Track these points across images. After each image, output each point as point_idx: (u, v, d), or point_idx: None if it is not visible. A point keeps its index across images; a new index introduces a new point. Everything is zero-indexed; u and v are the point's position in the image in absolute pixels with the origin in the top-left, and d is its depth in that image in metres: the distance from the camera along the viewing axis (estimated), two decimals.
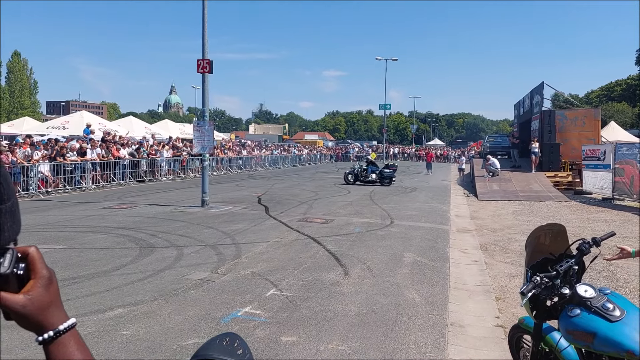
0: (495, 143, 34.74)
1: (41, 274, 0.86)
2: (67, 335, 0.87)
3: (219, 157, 29.41)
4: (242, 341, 1.21)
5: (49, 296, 0.86)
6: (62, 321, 0.87)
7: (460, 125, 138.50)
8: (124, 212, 12.64)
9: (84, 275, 6.64)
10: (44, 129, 27.45)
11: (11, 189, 0.77)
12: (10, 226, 0.75)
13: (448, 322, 5.26)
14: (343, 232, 10.24)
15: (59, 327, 0.86)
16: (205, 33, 13.85)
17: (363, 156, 53.53)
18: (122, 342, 4.52)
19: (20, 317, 0.83)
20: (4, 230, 0.74)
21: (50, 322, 0.85)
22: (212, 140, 14.93)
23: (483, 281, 7.05)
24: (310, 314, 5.37)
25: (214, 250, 8.41)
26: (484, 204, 16.57)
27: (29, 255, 0.85)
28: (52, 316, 0.85)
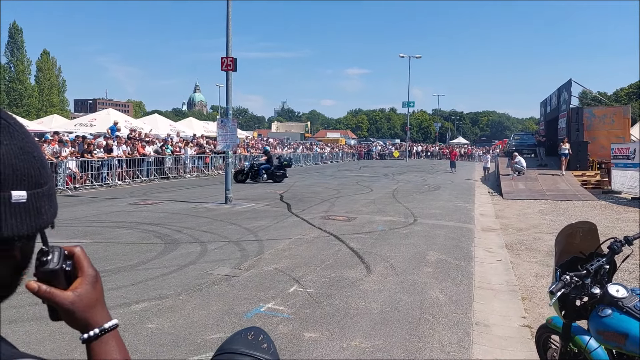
0: (521, 141, 34.21)
1: (88, 272, 0.88)
2: (110, 334, 0.89)
3: (241, 155, 29.60)
4: (267, 336, 1.20)
5: (96, 294, 0.88)
6: (106, 320, 0.89)
7: (484, 123, 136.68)
8: (149, 208, 12.82)
9: (111, 270, 6.75)
10: (72, 127, 28.06)
11: (48, 173, 0.77)
12: (47, 209, 0.76)
13: (473, 322, 5.19)
14: (365, 230, 10.20)
15: (104, 326, 0.88)
16: (229, 31, 13.93)
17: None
18: (148, 336, 4.57)
19: (68, 314, 0.85)
20: (42, 213, 0.75)
21: (96, 320, 0.87)
22: (236, 138, 15.03)
23: (509, 280, 6.94)
24: (332, 311, 5.36)
25: (237, 246, 8.47)
26: (509, 202, 16.33)
27: (75, 254, 0.87)
28: (97, 314, 0.88)
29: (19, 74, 61.85)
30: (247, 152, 31.49)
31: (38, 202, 0.74)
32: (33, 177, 0.73)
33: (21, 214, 0.71)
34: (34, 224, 0.74)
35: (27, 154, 0.73)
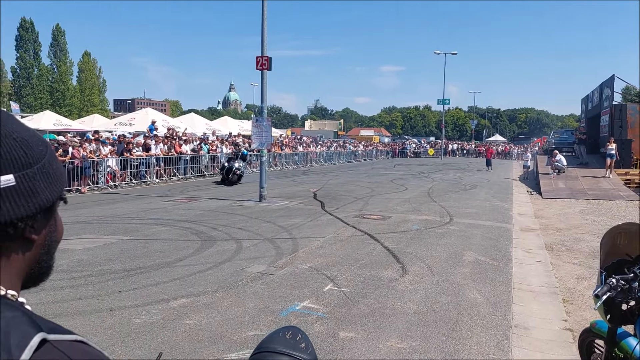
0: (561, 139, 33.31)
1: None
2: None
3: (275, 153, 29.80)
4: (305, 335, 1.20)
5: None
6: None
7: (522, 120, 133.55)
8: (185, 205, 13.05)
9: (149, 266, 6.90)
10: (112, 126, 28.83)
11: (37, 151, 0.77)
12: (45, 186, 0.76)
13: (512, 324, 5.08)
14: (400, 229, 10.12)
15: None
16: (264, 30, 14.03)
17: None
18: (185, 332, 4.65)
19: None
20: (38, 192, 0.75)
21: None
22: (270, 137, 15.13)
23: (549, 282, 6.76)
24: (368, 311, 5.34)
25: (271, 244, 8.53)
26: (548, 202, 15.91)
27: None
28: None
29: (62, 75, 63.90)
30: (281, 150, 31.67)
31: (30, 182, 0.74)
32: (17, 159, 0.73)
33: (13, 196, 0.72)
34: (30, 204, 0.74)
35: (6, 137, 0.72)
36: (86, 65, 67.91)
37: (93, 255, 7.38)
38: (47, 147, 0.80)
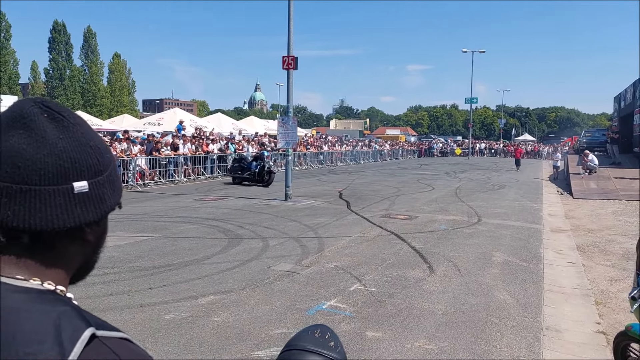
0: (593, 138, 32.53)
1: None
2: None
3: (300, 153, 29.87)
4: (333, 333, 1.20)
5: None
6: None
7: (552, 119, 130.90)
8: (213, 204, 13.19)
9: (178, 263, 6.99)
10: (141, 125, 29.33)
11: (107, 160, 0.80)
12: (110, 194, 0.79)
13: (543, 326, 4.98)
14: (427, 229, 10.02)
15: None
16: (290, 30, 14.07)
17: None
18: (214, 329, 4.70)
19: None
20: (105, 199, 0.78)
21: None
22: (296, 136, 15.18)
23: (581, 284, 6.61)
24: (395, 311, 5.30)
25: (297, 242, 8.55)
26: (580, 202, 15.55)
27: None
28: None
29: (93, 76, 65.29)
30: (307, 149, 31.73)
31: (100, 189, 0.77)
32: (92, 167, 0.76)
33: (85, 202, 0.75)
34: (98, 210, 0.77)
35: (84, 145, 0.75)
36: (116, 67, 69.24)
37: (123, 252, 7.52)
38: (111, 153, 0.84)
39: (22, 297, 0.70)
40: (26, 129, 0.72)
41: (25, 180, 0.71)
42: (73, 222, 0.74)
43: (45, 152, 0.71)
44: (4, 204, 0.70)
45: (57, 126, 0.74)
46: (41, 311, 0.69)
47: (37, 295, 0.72)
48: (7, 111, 0.75)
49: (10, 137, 0.71)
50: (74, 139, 0.75)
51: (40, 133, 0.72)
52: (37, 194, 0.71)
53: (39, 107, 0.74)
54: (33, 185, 0.71)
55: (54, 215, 0.72)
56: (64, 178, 0.72)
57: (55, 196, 0.72)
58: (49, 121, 0.73)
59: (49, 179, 0.71)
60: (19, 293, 0.71)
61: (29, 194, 0.71)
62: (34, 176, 0.71)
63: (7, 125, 0.73)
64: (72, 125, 0.75)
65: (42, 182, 0.71)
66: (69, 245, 0.77)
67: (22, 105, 0.75)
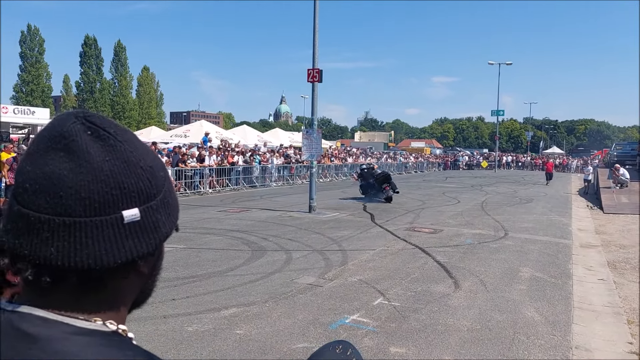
0: (624, 151, 31.73)
1: None
2: None
3: (325, 165, 29.90)
4: (355, 350, 1.18)
5: None
6: None
7: (581, 132, 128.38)
8: (237, 215, 13.26)
9: (202, 275, 7.03)
10: (168, 137, 29.78)
11: (160, 180, 0.70)
12: (165, 219, 0.70)
13: (572, 345, 4.83)
14: (453, 243, 9.88)
15: None
16: (315, 43, 14.17)
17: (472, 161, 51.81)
18: (236, 342, 4.69)
19: None
20: (160, 225, 0.69)
21: None
22: (320, 148, 15.20)
23: (612, 302, 6.41)
24: (419, 326, 5.21)
25: (321, 255, 8.51)
26: (610, 217, 15.15)
27: None
28: None
29: (122, 88, 66.80)
30: (331, 161, 31.74)
31: (153, 215, 0.68)
32: (144, 191, 0.67)
33: (137, 233, 0.66)
34: (152, 240, 0.68)
35: (134, 166, 0.67)
36: (145, 80, 70.72)
37: None
38: (166, 171, 0.75)
39: (85, 340, 0.63)
40: (67, 151, 0.64)
41: (68, 211, 0.62)
42: (125, 256, 0.65)
43: (90, 179, 0.63)
44: (46, 239, 0.62)
45: (103, 145, 0.65)
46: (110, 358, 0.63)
47: (102, 338, 0.65)
48: (47, 129, 0.66)
49: (50, 161, 0.64)
50: (122, 159, 0.65)
51: (83, 156, 0.63)
52: (82, 227, 0.63)
53: (82, 122, 0.66)
54: (77, 217, 0.62)
55: (103, 250, 0.64)
56: (112, 207, 0.64)
57: (103, 228, 0.63)
58: (94, 140, 0.65)
59: (95, 209, 0.63)
60: (82, 335, 0.64)
61: (73, 227, 0.62)
62: (78, 207, 0.62)
63: (46, 146, 0.65)
64: (120, 144, 0.66)
65: (87, 213, 0.63)
66: (123, 280, 0.69)
67: (63, 122, 0.66)
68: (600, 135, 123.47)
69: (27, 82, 59.30)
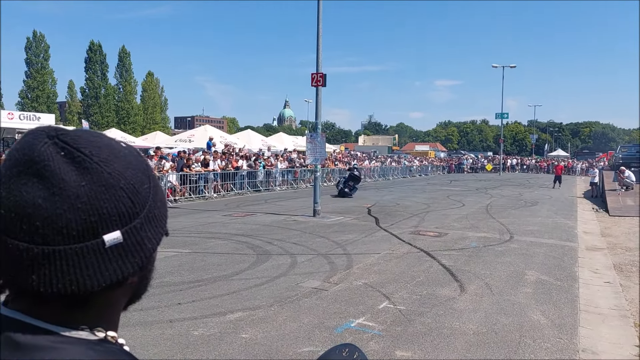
0: (629, 154, 31.56)
1: None
2: None
3: (329, 168, 29.91)
4: (362, 353, 1.18)
5: None
6: None
7: (586, 134, 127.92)
8: (242, 219, 13.28)
9: (207, 279, 7.04)
10: (173, 142, 29.92)
11: (142, 197, 0.67)
12: (151, 234, 0.68)
13: (579, 348, 4.81)
14: (458, 247, 9.86)
15: None
16: (319, 47, 14.20)
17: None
18: (242, 345, 4.70)
19: None
20: (145, 242, 0.67)
21: None
22: (324, 152, 15.21)
23: (619, 305, 6.38)
24: (425, 330, 5.20)
25: (326, 259, 8.51)
26: (616, 220, 15.08)
27: None
28: None
29: (127, 94, 67.05)
30: (335, 165, 31.74)
31: (137, 235, 0.66)
32: (124, 213, 0.64)
33: (121, 254, 0.64)
34: (138, 259, 0.66)
35: (113, 189, 0.63)
36: (149, 85, 70.98)
37: None
38: (150, 179, 0.70)
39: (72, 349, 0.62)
40: (40, 177, 0.60)
41: (46, 240, 0.60)
42: (109, 279, 0.63)
43: (66, 207, 0.60)
44: (26, 267, 0.61)
45: (78, 169, 0.62)
46: None
47: (88, 347, 0.64)
48: (18, 150, 0.63)
49: (22, 187, 0.61)
50: (100, 183, 0.62)
51: (57, 183, 0.60)
52: (62, 255, 0.61)
53: (54, 143, 0.62)
54: (56, 245, 0.60)
55: (86, 276, 0.62)
56: (91, 233, 0.61)
57: (84, 255, 0.62)
58: (67, 163, 0.61)
59: (73, 237, 0.61)
60: (68, 345, 0.63)
61: (53, 256, 0.60)
62: (56, 236, 0.60)
63: (18, 171, 0.61)
64: (97, 165, 0.63)
65: (65, 241, 0.61)
66: (111, 295, 0.68)
67: (34, 143, 0.62)
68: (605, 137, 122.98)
69: (32, 88, 59.73)
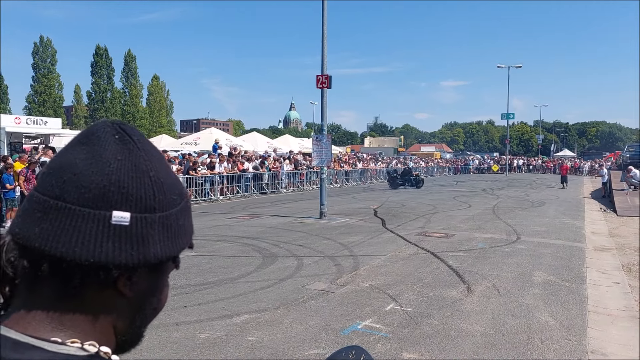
0: (637, 153, 31.38)
1: None
2: None
3: (335, 170, 29.89)
4: (368, 355, 1.17)
5: None
6: None
7: (593, 134, 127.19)
8: (248, 222, 13.29)
9: (213, 282, 7.05)
10: (179, 145, 29.97)
11: (167, 200, 0.68)
12: (158, 239, 0.66)
13: (588, 349, 4.77)
14: (465, 248, 9.82)
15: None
16: (324, 49, 14.21)
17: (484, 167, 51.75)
18: (248, 348, 4.69)
19: None
20: (149, 242, 0.65)
21: None
22: (330, 154, 15.21)
23: (628, 305, 6.32)
24: (432, 332, 5.18)
25: (332, 261, 8.50)
26: (624, 220, 14.98)
27: None
28: None
29: (133, 97, 67.35)
30: (341, 167, 31.73)
31: (144, 228, 0.65)
32: (143, 200, 0.65)
33: (120, 238, 0.63)
34: (135, 252, 0.64)
35: (142, 173, 0.65)
36: (155, 88, 71.27)
37: None
38: (183, 200, 0.72)
39: None
40: (88, 144, 0.66)
41: (63, 196, 0.63)
42: (99, 256, 0.61)
43: (94, 170, 0.63)
44: (37, 219, 0.63)
45: (121, 147, 0.65)
46: None
47: None
48: (84, 130, 0.69)
49: (71, 151, 0.66)
50: (133, 163, 0.65)
51: (99, 150, 0.65)
52: (69, 214, 0.62)
53: (113, 127, 0.68)
54: (69, 203, 0.62)
55: (80, 243, 0.61)
56: (105, 203, 0.62)
57: (88, 221, 0.62)
58: (116, 142, 0.66)
59: (88, 199, 0.62)
60: None
61: (62, 212, 0.62)
62: (73, 193, 0.62)
63: (77, 140, 0.67)
64: (137, 150, 0.66)
65: (79, 202, 0.62)
66: (101, 294, 0.65)
67: (98, 124, 0.69)
68: (612, 137, 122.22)
69: (39, 92, 60.09)
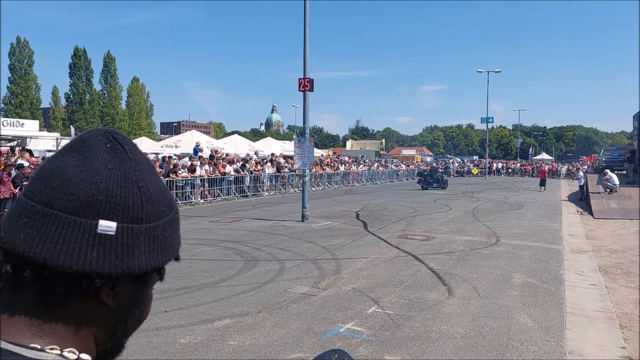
0: (612, 157, 32.05)
1: None
2: None
3: (317, 173, 29.91)
4: (351, 358, 1.18)
5: None
6: None
7: (570, 138, 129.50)
8: (229, 225, 13.22)
9: (194, 286, 6.99)
10: (159, 148, 29.71)
11: (155, 211, 0.68)
12: (143, 251, 0.66)
13: (566, 350, 4.85)
14: (445, 250, 9.90)
15: None
16: (306, 53, 14.23)
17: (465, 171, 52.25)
18: (230, 352, 4.66)
19: None
20: (134, 253, 0.65)
21: None
22: (312, 157, 15.22)
23: (604, 307, 6.44)
24: (413, 334, 5.21)
25: (314, 264, 8.50)
26: (600, 222, 15.27)
27: None
28: None
29: (112, 99, 66.57)
30: (323, 170, 31.76)
31: (130, 239, 0.64)
32: (130, 210, 0.64)
33: (105, 247, 0.63)
34: (119, 263, 0.64)
35: (131, 183, 0.65)
36: (135, 90, 70.56)
37: None
38: (172, 212, 0.72)
39: None
40: (80, 151, 0.66)
41: (51, 202, 0.63)
42: (82, 265, 0.62)
43: (84, 178, 0.63)
44: (23, 224, 0.63)
45: (112, 156, 0.66)
46: None
47: None
48: (77, 137, 0.69)
49: (62, 158, 0.66)
50: (123, 172, 0.65)
51: (89, 158, 0.65)
52: (55, 221, 0.62)
53: (105, 135, 0.68)
54: (56, 210, 0.62)
55: (63, 250, 0.61)
56: (92, 211, 0.63)
57: (74, 229, 0.62)
58: (107, 150, 0.66)
59: (75, 207, 0.62)
60: None
61: (48, 219, 0.62)
62: (61, 200, 0.62)
63: (68, 147, 0.67)
64: (128, 160, 0.66)
65: (67, 209, 0.62)
66: (83, 303, 0.65)
67: (90, 131, 0.69)
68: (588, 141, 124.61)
69: (16, 94, 59.07)
